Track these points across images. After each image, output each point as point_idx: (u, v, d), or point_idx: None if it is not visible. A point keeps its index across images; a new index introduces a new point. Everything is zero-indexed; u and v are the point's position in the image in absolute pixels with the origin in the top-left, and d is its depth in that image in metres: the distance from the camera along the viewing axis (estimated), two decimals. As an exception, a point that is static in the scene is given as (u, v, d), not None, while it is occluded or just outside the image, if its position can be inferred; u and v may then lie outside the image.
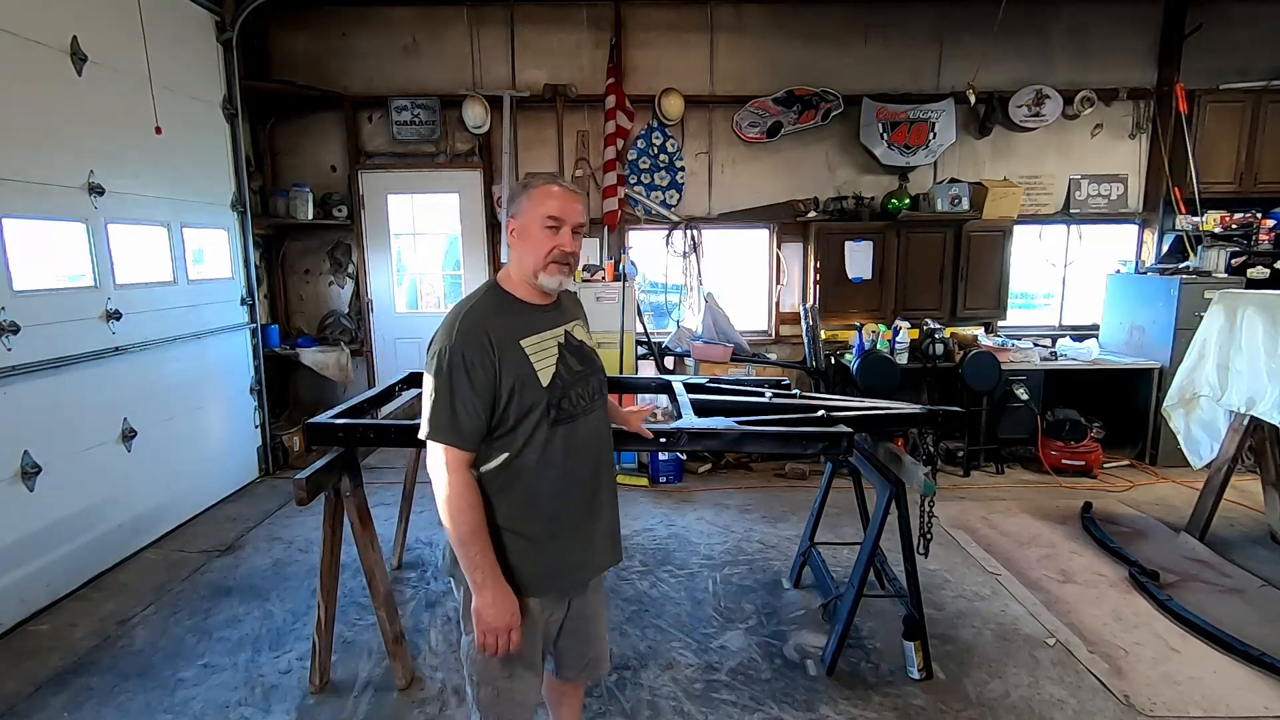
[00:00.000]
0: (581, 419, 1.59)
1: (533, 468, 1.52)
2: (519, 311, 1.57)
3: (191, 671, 2.68)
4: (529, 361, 1.51)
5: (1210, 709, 2.42)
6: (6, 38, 2.99)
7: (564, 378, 1.56)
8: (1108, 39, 5.41)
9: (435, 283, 5.97)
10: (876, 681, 2.58)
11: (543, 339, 1.56)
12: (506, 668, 1.58)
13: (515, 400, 1.49)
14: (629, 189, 5.47)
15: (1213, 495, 3.65)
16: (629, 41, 5.36)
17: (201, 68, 4.43)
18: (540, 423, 1.51)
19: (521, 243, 1.56)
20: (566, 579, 1.63)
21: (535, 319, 1.58)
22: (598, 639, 1.79)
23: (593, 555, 1.66)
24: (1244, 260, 5.14)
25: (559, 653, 1.74)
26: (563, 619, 1.69)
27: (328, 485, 2.38)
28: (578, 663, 1.78)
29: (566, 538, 1.59)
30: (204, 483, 4.35)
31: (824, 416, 2.52)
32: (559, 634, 1.70)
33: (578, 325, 1.70)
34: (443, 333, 1.50)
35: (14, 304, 2.98)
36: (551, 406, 1.52)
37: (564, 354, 1.59)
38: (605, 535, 1.69)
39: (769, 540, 3.84)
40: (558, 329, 1.61)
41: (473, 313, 1.51)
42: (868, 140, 5.37)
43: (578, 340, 1.66)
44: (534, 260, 1.54)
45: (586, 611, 1.73)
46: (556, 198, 1.54)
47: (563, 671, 1.79)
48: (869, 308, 5.36)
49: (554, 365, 1.55)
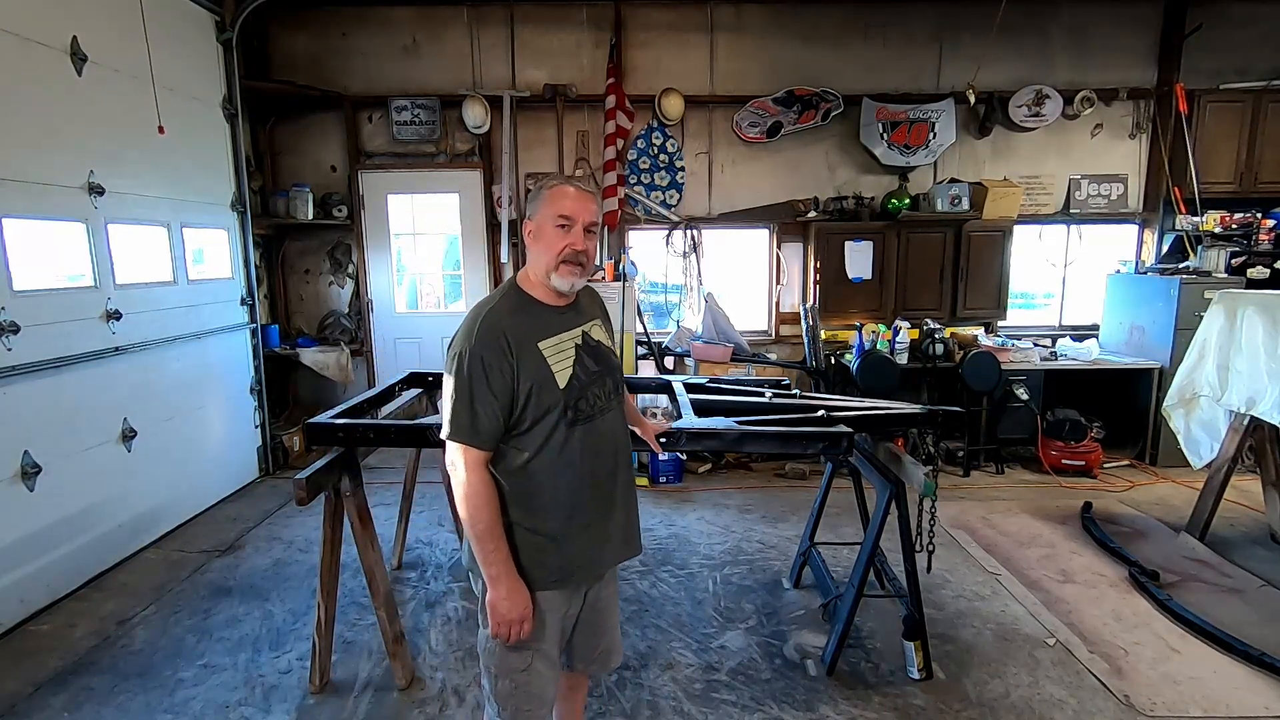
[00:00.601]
0: (599, 419, 1.61)
1: (551, 467, 1.55)
2: (537, 313, 1.59)
3: (191, 671, 2.68)
4: (546, 364, 1.53)
5: (1210, 709, 2.42)
6: (6, 38, 2.99)
7: (581, 379, 1.58)
8: (1108, 39, 5.41)
9: (435, 283, 5.97)
10: (876, 681, 2.58)
11: (560, 340, 1.58)
12: (524, 660, 1.60)
13: (533, 401, 1.51)
14: (629, 189, 5.47)
15: (1213, 495, 3.65)
16: (629, 41, 5.36)
17: (201, 68, 4.43)
18: (558, 423, 1.54)
19: (535, 243, 1.59)
20: (583, 573, 1.65)
21: (553, 320, 1.59)
22: (610, 629, 1.82)
23: (608, 550, 1.68)
24: (1244, 260, 5.14)
25: (572, 646, 1.76)
26: (579, 612, 1.71)
27: (328, 485, 2.38)
28: (590, 654, 1.79)
29: (584, 534, 1.61)
30: (204, 483, 4.35)
31: (824, 416, 2.52)
32: (574, 627, 1.72)
33: (595, 325, 1.70)
34: (463, 334, 1.53)
35: (14, 304, 2.98)
36: (569, 408, 1.54)
37: (581, 355, 1.60)
38: (621, 529, 1.70)
39: (769, 540, 3.84)
40: (575, 330, 1.63)
41: (492, 315, 1.53)
42: (868, 140, 5.37)
43: (595, 340, 1.67)
44: (547, 260, 1.56)
45: (600, 604, 1.75)
46: (569, 197, 1.55)
47: (575, 664, 1.81)
48: (869, 308, 5.36)
49: (571, 367, 1.57)
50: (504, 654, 1.59)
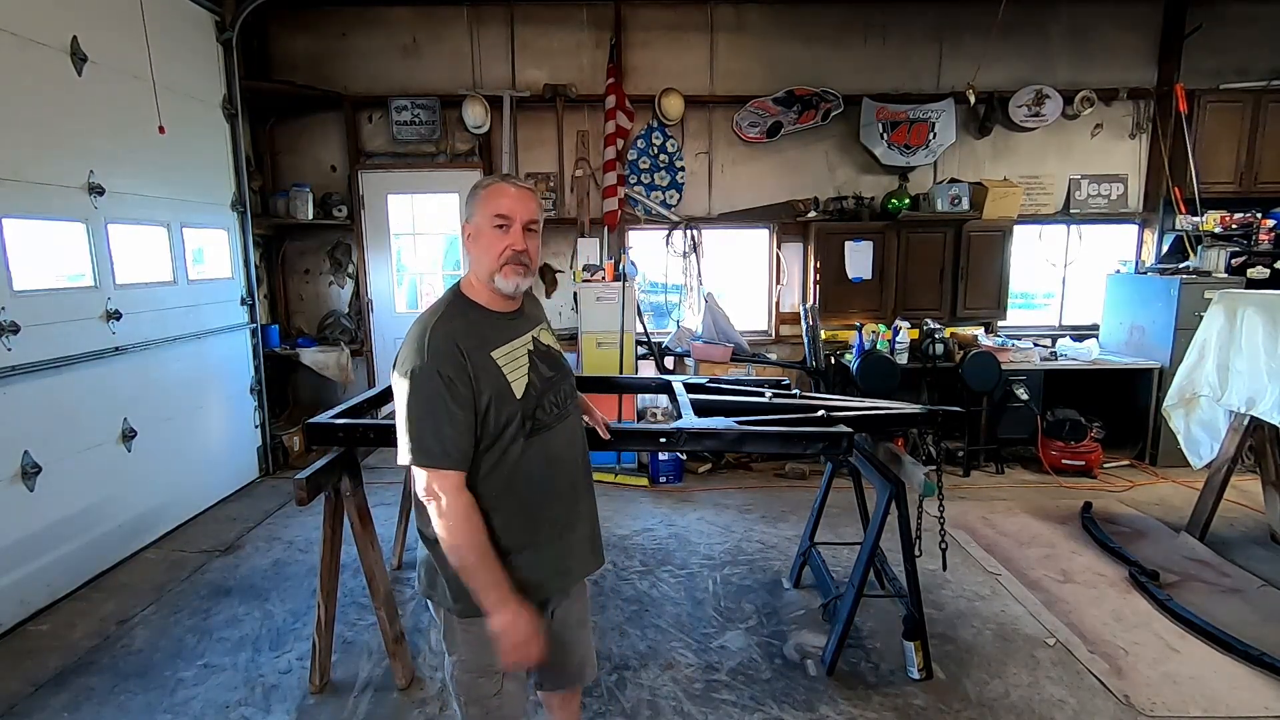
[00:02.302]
0: (557, 426, 1.56)
1: (509, 481, 1.48)
2: (486, 321, 1.52)
3: (191, 671, 2.68)
4: (502, 373, 1.46)
5: (1210, 709, 2.42)
6: (6, 38, 2.99)
7: (537, 386, 1.52)
8: (1108, 39, 5.40)
9: (435, 283, 5.96)
10: (876, 681, 2.58)
11: (513, 348, 1.51)
12: (494, 685, 1.55)
13: (492, 414, 1.44)
14: (629, 189, 5.47)
15: (1213, 495, 3.65)
16: (629, 41, 5.36)
17: (201, 68, 4.43)
18: (516, 436, 1.47)
19: (475, 245, 1.52)
20: (549, 588, 1.59)
21: (503, 328, 1.53)
22: (581, 644, 1.75)
23: (574, 563, 1.63)
24: (1244, 260, 5.14)
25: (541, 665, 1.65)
26: (545, 630, 1.62)
27: (328, 485, 2.38)
28: (562, 672, 1.73)
29: (547, 548, 1.55)
30: (204, 483, 4.35)
31: (824, 416, 2.52)
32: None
33: (543, 330, 1.65)
34: (411, 350, 1.42)
35: (14, 304, 2.98)
36: (527, 418, 1.48)
37: (535, 362, 1.54)
38: (585, 541, 1.65)
39: (769, 540, 3.83)
40: (526, 336, 1.57)
41: (440, 325, 1.45)
42: (868, 140, 5.37)
43: (546, 345, 1.62)
44: (489, 262, 1.49)
45: (569, 619, 1.70)
46: (506, 195, 1.49)
47: (544, 683, 1.76)
48: (869, 308, 5.35)
49: (526, 375, 1.50)
50: (473, 681, 1.55)
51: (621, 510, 4.26)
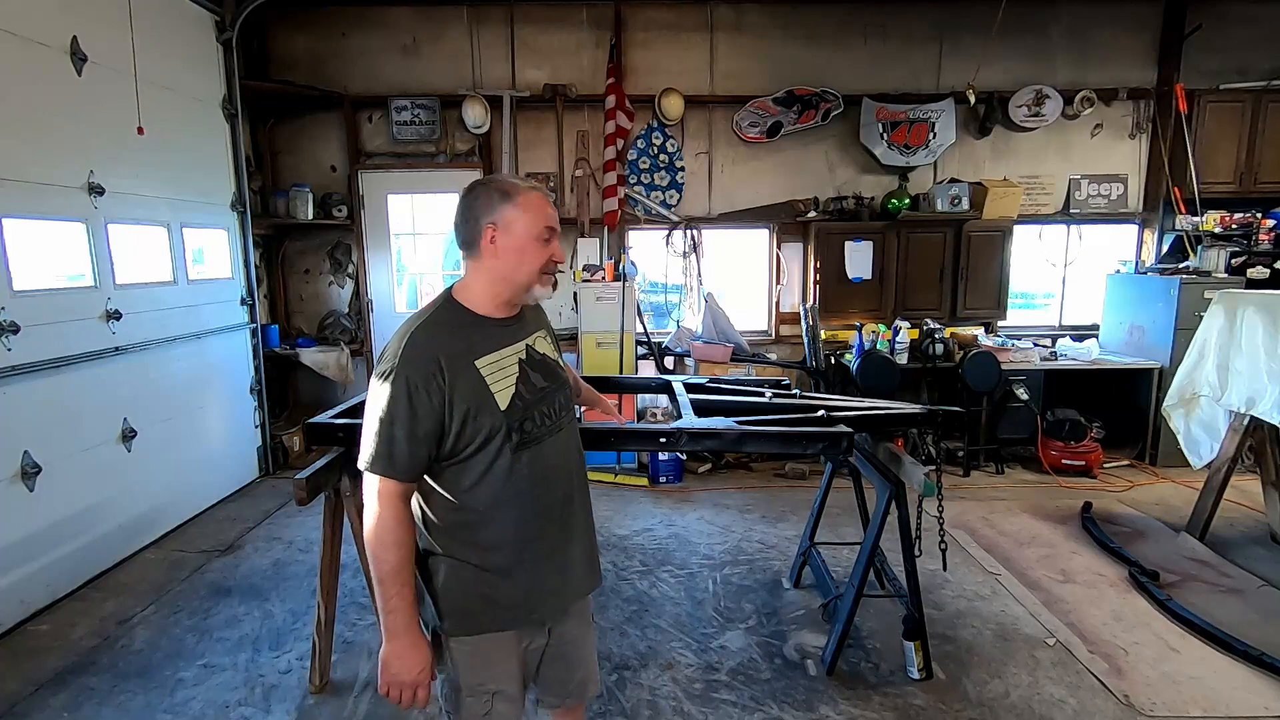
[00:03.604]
0: (548, 440, 1.49)
1: (497, 497, 1.42)
2: (474, 328, 1.45)
3: (191, 671, 2.68)
4: (484, 383, 1.39)
5: (1210, 709, 2.42)
6: (6, 38, 2.99)
7: (525, 398, 1.45)
8: (1107, 39, 5.40)
9: (435, 283, 5.96)
10: (876, 681, 2.58)
11: (501, 357, 1.45)
12: (483, 705, 1.50)
13: (469, 427, 1.37)
14: (629, 189, 5.47)
15: (1213, 495, 3.65)
16: (629, 41, 5.36)
17: (201, 68, 4.43)
18: (502, 449, 1.40)
19: (510, 254, 1.46)
20: (543, 608, 1.53)
21: (492, 335, 1.46)
22: (583, 662, 1.69)
23: (569, 581, 1.56)
24: (1244, 260, 5.14)
25: (542, 681, 1.64)
26: (544, 646, 1.59)
27: (328, 485, 2.38)
28: (563, 688, 1.69)
29: (539, 566, 1.49)
30: (204, 483, 4.35)
31: (824, 416, 2.52)
32: (540, 662, 1.60)
33: (540, 337, 1.57)
34: (388, 352, 1.38)
35: (14, 304, 2.98)
36: (513, 430, 1.41)
37: (526, 371, 1.47)
38: (581, 559, 1.58)
39: (769, 540, 3.84)
40: (518, 344, 1.49)
41: (422, 331, 1.40)
42: (868, 140, 5.37)
43: (540, 354, 1.54)
44: (528, 273, 1.47)
45: (569, 637, 1.63)
46: (548, 206, 1.49)
47: (547, 699, 1.72)
48: (869, 308, 5.35)
49: (513, 385, 1.44)
50: (462, 699, 1.49)
51: (621, 510, 4.26)
